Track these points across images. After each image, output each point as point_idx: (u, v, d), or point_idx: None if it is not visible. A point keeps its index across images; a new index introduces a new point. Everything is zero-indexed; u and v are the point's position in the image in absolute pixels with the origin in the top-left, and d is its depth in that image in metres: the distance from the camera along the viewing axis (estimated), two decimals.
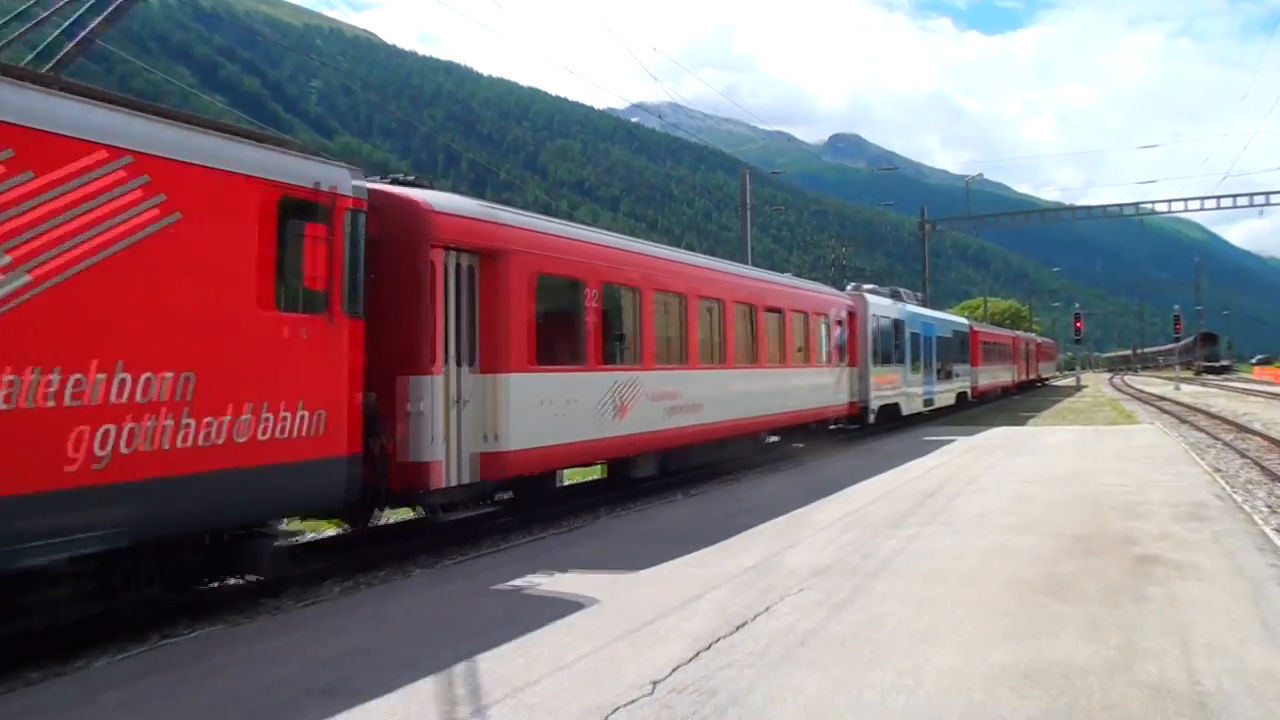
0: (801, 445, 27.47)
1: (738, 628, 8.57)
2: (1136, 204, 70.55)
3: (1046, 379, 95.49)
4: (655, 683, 7.12)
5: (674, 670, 7.41)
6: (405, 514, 15.53)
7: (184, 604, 10.39)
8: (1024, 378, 72.51)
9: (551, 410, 14.73)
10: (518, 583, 10.81)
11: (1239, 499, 15.97)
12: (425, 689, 7.13)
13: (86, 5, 13.36)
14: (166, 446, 8.78)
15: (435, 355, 12.69)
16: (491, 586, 10.66)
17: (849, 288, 34.03)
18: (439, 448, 12.69)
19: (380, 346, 11.56)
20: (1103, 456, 23.03)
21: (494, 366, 13.66)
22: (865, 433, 31.81)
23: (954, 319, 49.62)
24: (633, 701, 6.74)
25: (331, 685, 7.26)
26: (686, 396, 18.99)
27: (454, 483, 13.02)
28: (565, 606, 9.54)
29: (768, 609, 9.20)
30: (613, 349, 16.90)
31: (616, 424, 16.52)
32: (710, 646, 8.01)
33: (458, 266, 13.22)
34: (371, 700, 6.91)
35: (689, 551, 12.16)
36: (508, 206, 15.87)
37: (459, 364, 13.17)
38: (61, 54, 13.44)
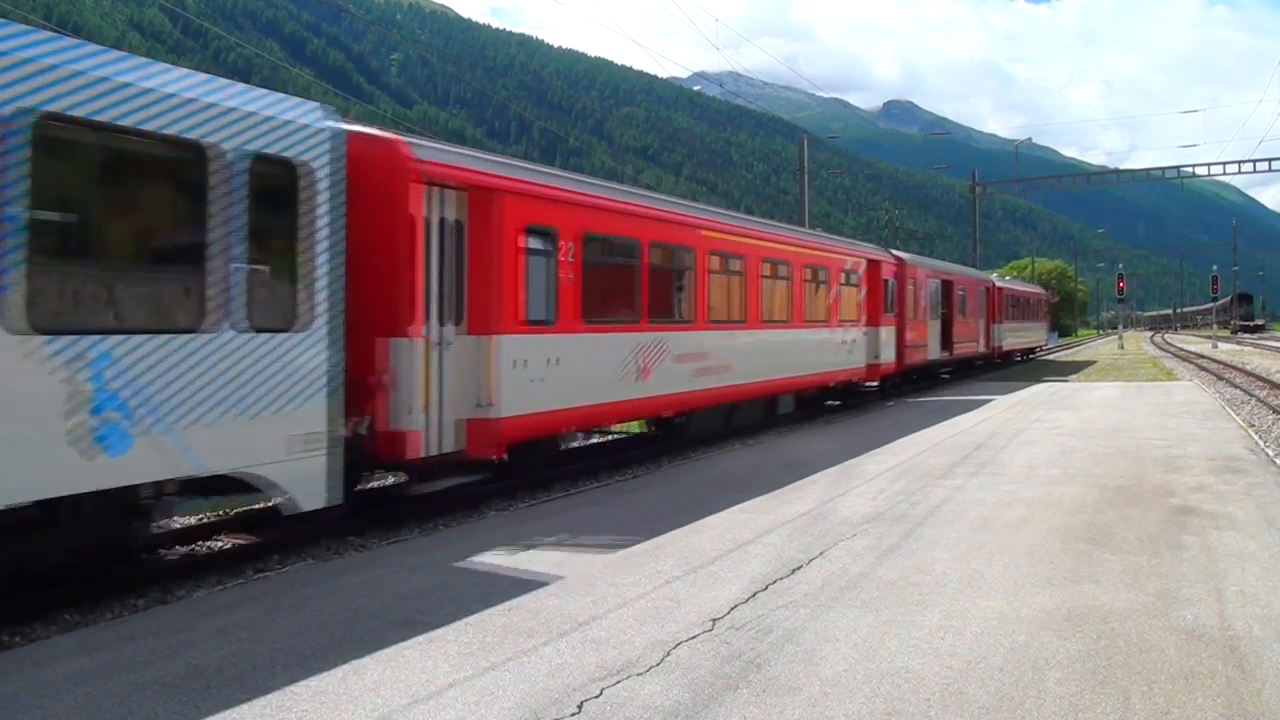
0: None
1: (793, 570, 8.57)
2: (1178, 167, 68.93)
3: (1032, 349, 57.97)
4: (715, 620, 7.15)
5: (732, 609, 7.43)
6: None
7: (277, 539, 10.59)
8: (937, 355, 34.38)
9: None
10: (584, 526, 10.88)
11: (1271, 453, 15.72)
12: (498, 623, 7.20)
13: None
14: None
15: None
16: (560, 528, 10.73)
17: None
18: None
19: None
20: (1143, 412, 22.72)
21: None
22: None
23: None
24: (694, 637, 6.77)
25: (412, 617, 7.36)
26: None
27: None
28: (628, 547, 9.59)
29: (821, 553, 9.19)
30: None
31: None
32: (767, 588, 8.02)
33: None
34: (450, 633, 7.00)
35: (746, 498, 12.16)
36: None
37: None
38: None
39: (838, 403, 26.45)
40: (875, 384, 28.56)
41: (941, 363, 36.16)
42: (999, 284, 46.42)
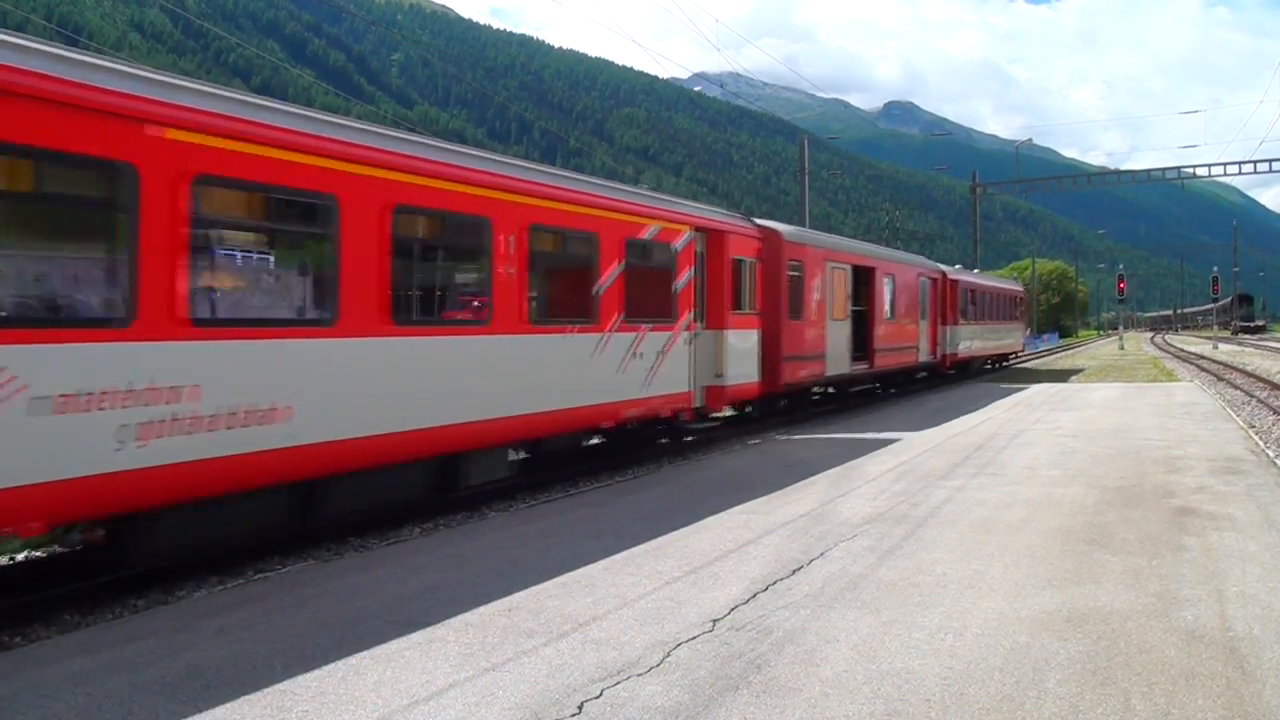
0: None
1: (793, 571, 8.56)
2: (1178, 168, 68.97)
3: (1004, 357, 48.27)
4: (715, 620, 7.14)
5: (732, 609, 7.42)
6: None
7: (277, 541, 10.57)
8: (845, 368, 25.35)
9: None
10: (585, 526, 10.88)
11: (1272, 454, 15.72)
12: (498, 623, 7.20)
13: None
14: None
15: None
16: (561, 529, 10.73)
17: None
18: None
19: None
20: (1143, 412, 22.72)
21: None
22: None
23: None
24: (694, 638, 6.76)
25: (412, 617, 7.36)
26: None
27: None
28: (630, 548, 9.58)
29: (822, 554, 9.18)
30: None
31: None
32: (767, 588, 8.01)
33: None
34: (450, 633, 7.00)
35: (747, 498, 12.16)
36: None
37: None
38: None
39: (665, 441, 18.10)
40: (726, 413, 20.46)
41: (855, 378, 26.75)
42: (952, 275, 36.87)
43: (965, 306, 37.46)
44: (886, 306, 28.68)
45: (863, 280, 27.09)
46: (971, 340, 38.67)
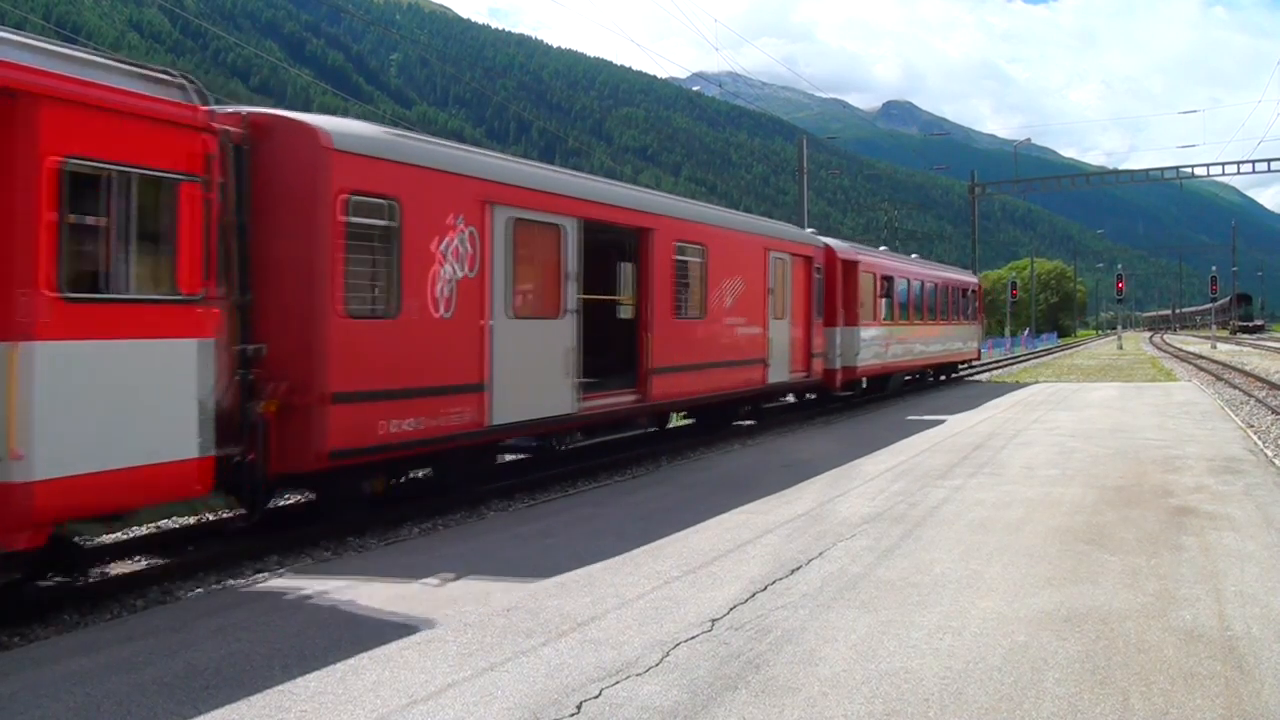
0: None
1: (792, 571, 8.56)
2: (1177, 168, 68.87)
3: (953, 366, 36.96)
4: (714, 620, 7.14)
5: (731, 609, 7.42)
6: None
7: (275, 541, 10.57)
8: (567, 405, 13.64)
9: None
10: (583, 526, 10.87)
11: (1270, 453, 15.73)
12: (497, 623, 7.19)
13: None
14: None
15: None
16: (560, 529, 10.72)
17: None
18: None
19: None
20: (1142, 412, 22.73)
21: None
22: None
23: None
24: (693, 638, 6.76)
25: (410, 617, 7.35)
26: None
27: None
28: (629, 548, 9.58)
29: (820, 554, 9.18)
30: None
31: None
32: (766, 588, 8.01)
33: None
34: (449, 633, 6.99)
35: (746, 498, 12.15)
36: None
37: None
38: None
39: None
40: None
41: (594, 419, 14.92)
42: (848, 255, 25.51)
43: (873, 300, 26.88)
44: (686, 296, 17.40)
45: (627, 251, 17.28)
46: (886, 347, 27.99)
